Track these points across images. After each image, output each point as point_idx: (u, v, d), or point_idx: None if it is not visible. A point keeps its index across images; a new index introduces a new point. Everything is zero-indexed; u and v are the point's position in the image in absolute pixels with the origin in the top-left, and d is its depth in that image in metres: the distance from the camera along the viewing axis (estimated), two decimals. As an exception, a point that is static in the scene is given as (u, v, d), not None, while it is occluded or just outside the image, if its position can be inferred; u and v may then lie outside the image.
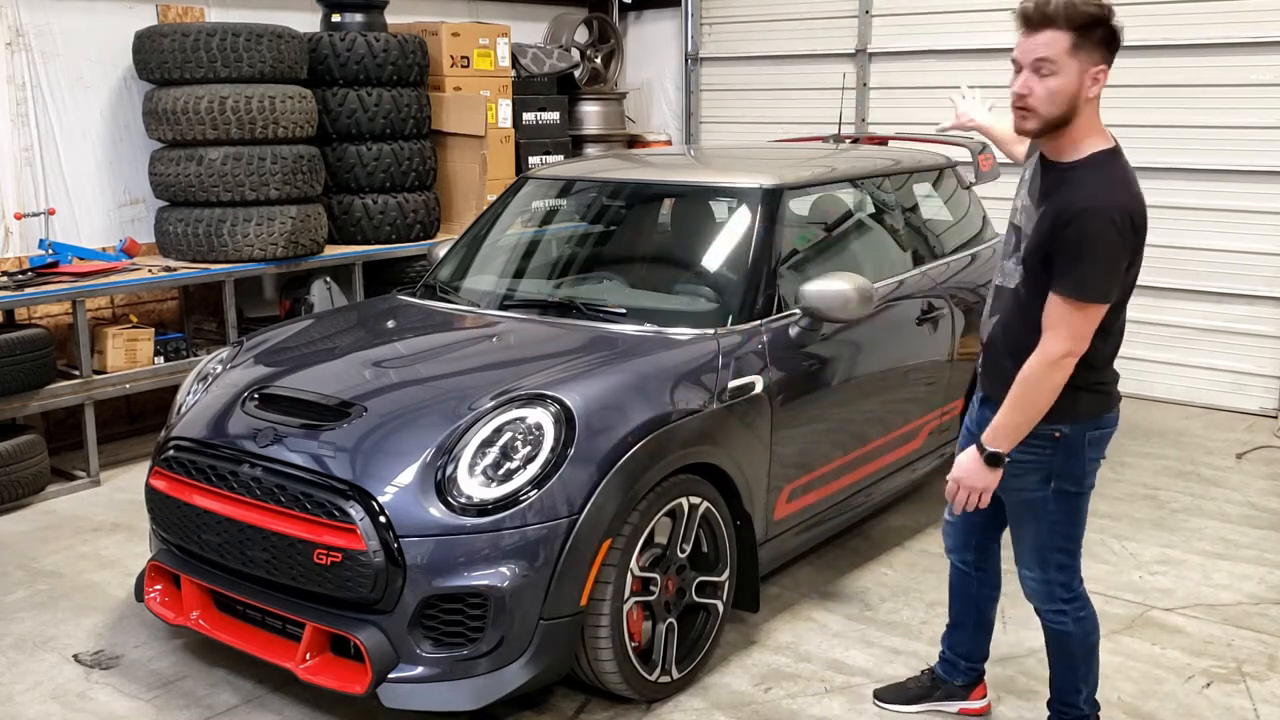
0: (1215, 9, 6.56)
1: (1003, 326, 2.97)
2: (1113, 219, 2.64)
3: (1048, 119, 2.73)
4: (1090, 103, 2.72)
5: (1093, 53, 2.66)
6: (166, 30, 5.88)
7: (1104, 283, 2.69)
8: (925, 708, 3.55)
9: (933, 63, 7.67)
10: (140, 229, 6.41)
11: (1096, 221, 2.64)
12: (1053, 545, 3.03)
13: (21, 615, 4.20)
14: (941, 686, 3.56)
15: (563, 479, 3.22)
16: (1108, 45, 2.68)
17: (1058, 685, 3.23)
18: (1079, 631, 3.10)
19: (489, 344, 4.04)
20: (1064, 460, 2.91)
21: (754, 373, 3.83)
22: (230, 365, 4.05)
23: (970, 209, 5.48)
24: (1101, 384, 2.90)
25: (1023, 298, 2.87)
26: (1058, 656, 3.19)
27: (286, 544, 3.27)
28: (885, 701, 3.58)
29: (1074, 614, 3.09)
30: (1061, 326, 2.72)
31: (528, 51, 8.05)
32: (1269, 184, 6.52)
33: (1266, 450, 6.02)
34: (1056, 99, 2.70)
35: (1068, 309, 2.71)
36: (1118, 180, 2.72)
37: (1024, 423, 2.80)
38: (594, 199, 4.94)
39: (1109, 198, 2.67)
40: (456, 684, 3.20)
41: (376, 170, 6.74)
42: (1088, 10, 2.63)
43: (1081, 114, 2.72)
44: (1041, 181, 2.85)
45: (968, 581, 3.46)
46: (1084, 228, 2.65)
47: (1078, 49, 2.65)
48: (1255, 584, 4.43)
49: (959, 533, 3.41)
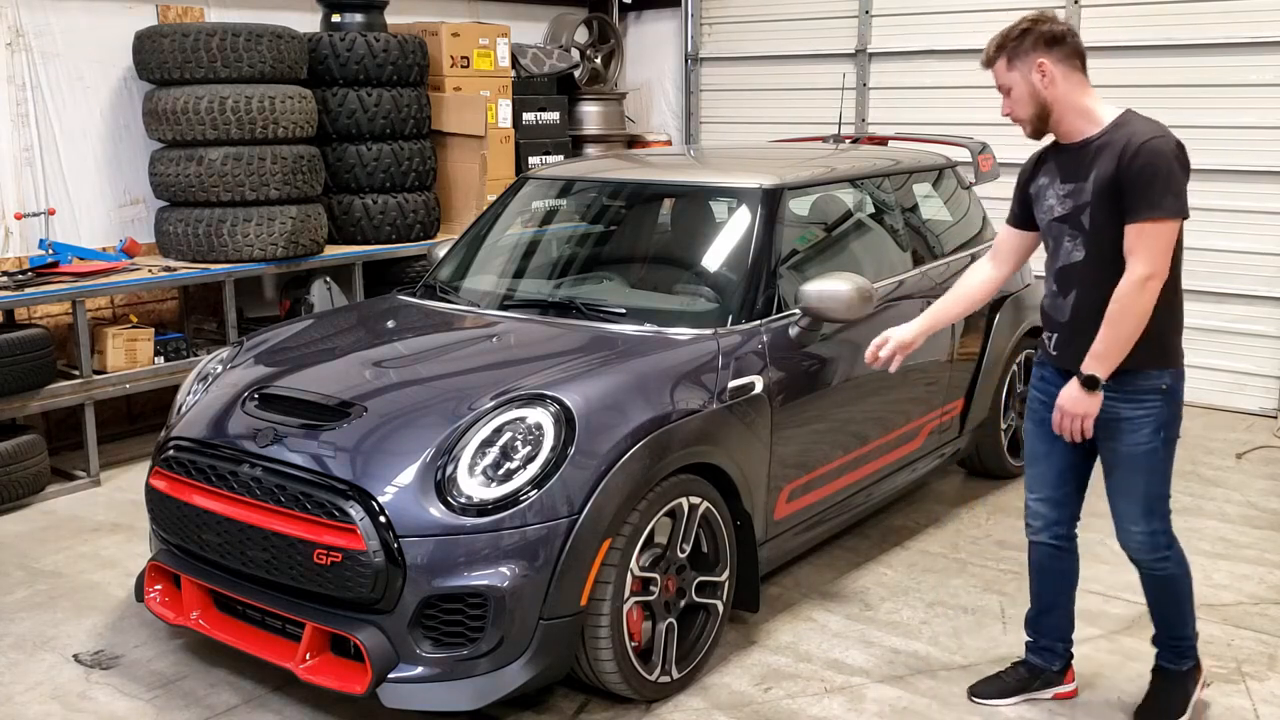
0: (1215, 9, 6.56)
1: (1081, 298, 3.20)
2: (1171, 146, 3.00)
3: (1031, 120, 3.20)
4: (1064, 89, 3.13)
5: (1025, 56, 3.13)
6: (166, 30, 5.88)
7: (1175, 200, 2.98)
8: (1024, 698, 3.60)
9: (933, 63, 7.67)
10: (140, 229, 6.41)
11: (1158, 148, 2.98)
12: (1161, 494, 3.26)
13: (21, 615, 4.20)
14: (1040, 675, 3.61)
15: (563, 479, 3.23)
16: (1045, 45, 3.11)
17: (1167, 625, 3.42)
18: (1180, 572, 3.35)
19: (489, 344, 4.04)
20: (1169, 409, 3.19)
21: (754, 373, 3.83)
22: (230, 365, 4.05)
23: (970, 209, 5.48)
24: (1179, 330, 3.20)
25: (1099, 262, 3.13)
26: (1165, 600, 3.39)
27: (286, 544, 3.27)
28: (982, 697, 3.61)
29: (1175, 557, 3.33)
30: (1141, 250, 3.00)
31: (528, 51, 8.05)
32: (1269, 184, 6.52)
33: (1266, 450, 6.02)
34: (1022, 103, 3.19)
35: (1145, 232, 2.99)
36: (1154, 123, 3.08)
37: (1117, 346, 3.06)
38: (594, 199, 4.94)
39: (1156, 130, 3.04)
40: (456, 684, 3.20)
41: (376, 170, 6.74)
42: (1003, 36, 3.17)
43: (1060, 101, 3.14)
44: (1070, 164, 3.19)
45: (1061, 558, 3.52)
46: (1147, 155, 2.98)
47: (1011, 63, 3.16)
48: (1255, 584, 4.43)
49: (1053, 508, 3.47)
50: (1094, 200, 3.10)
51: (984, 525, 5.00)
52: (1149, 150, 2.98)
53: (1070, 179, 3.17)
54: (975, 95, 7.44)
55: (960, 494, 5.37)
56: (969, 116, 7.32)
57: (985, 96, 4.08)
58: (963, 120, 7.22)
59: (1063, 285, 3.25)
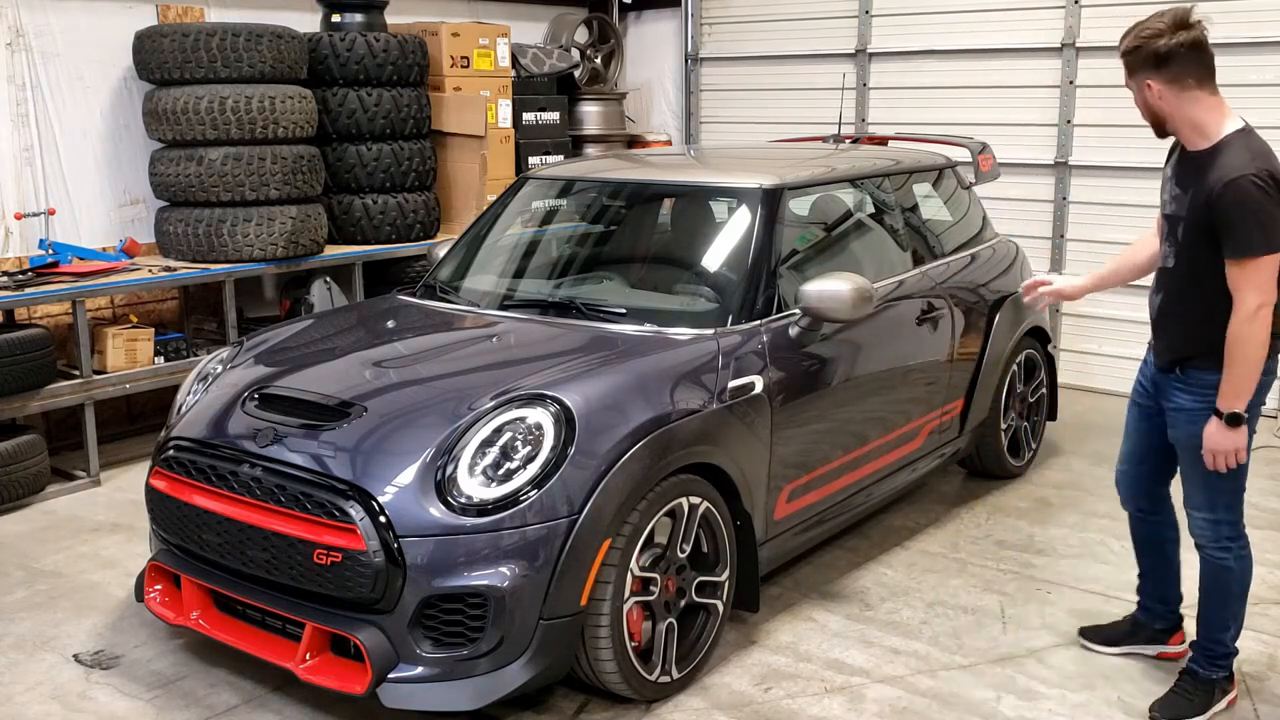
0: (1215, 9, 6.53)
1: (1165, 301, 3.40)
2: (1254, 181, 3.06)
3: (1150, 123, 3.33)
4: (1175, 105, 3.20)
5: (1136, 73, 3.23)
6: (166, 30, 5.88)
7: (1263, 237, 3.07)
8: (1126, 650, 3.84)
9: (933, 63, 7.67)
10: (140, 229, 6.40)
11: (1241, 187, 3.06)
12: (1224, 487, 3.37)
13: (21, 615, 4.20)
14: (1142, 631, 3.84)
15: (563, 479, 3.23)
16: (1153, 65, 3.18)
17: (1209, 621, 3.51)
18: (1239, 569, 3.45)
19: (489, 344, 4.04)
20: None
21: (754, 373, 3.83)
22: (230, 365, 4.05)
23: (970, 209, 5.48)
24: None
25: (1182, 275, 3.30)
26: (1214, 593, 3.49)
27: (286, 544, 3.27)
28: (1090, 640, 3.89)
29: (1237, 551, 3.44)
30: (1245, 285, 3.12)
31: (528, 51, 8.05)
32: (1269, 184, 6.51)
33: (1266, 450, 6.01)
34: (1141, 109, 3.32)
35: (1243, 269, 3.11)
36: (1252, 151, 3.13)
37: (1244, 378, 3.18)
38: (594, 199, 4.94)
39: (1245, 165, 3.09)
40: (456, 684, 3.20)
41: (376, 170, 6.74)
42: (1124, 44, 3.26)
43: (1173, 116, 3.23)
44: (1184, 169, 3.28)
45: (1145, 526, 3.76)
46: (1232, 196, 3.07)
47: (1130, 74, 3.27)
48: (1256, 584, 4.39)
49: (1131, 481, 3.73)
50: (1188, 220, 3.22)
51: (984, 525, 5.00)
52: (1234, 192, 3.06)
53: (1180, 185, 3.28)
54: (975, 95, 7.46)
55: (960, 494, 5.37)
56: (969, 116, 7.34)
57: (985, 96, 4.08)
58: (963, 120, 7.23)
59: (1157, 283, 3.45)
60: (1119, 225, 6.85)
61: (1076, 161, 7.10)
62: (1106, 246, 6.64)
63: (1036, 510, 5.17)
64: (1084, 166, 7.08)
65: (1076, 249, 7.13)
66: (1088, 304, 7.08)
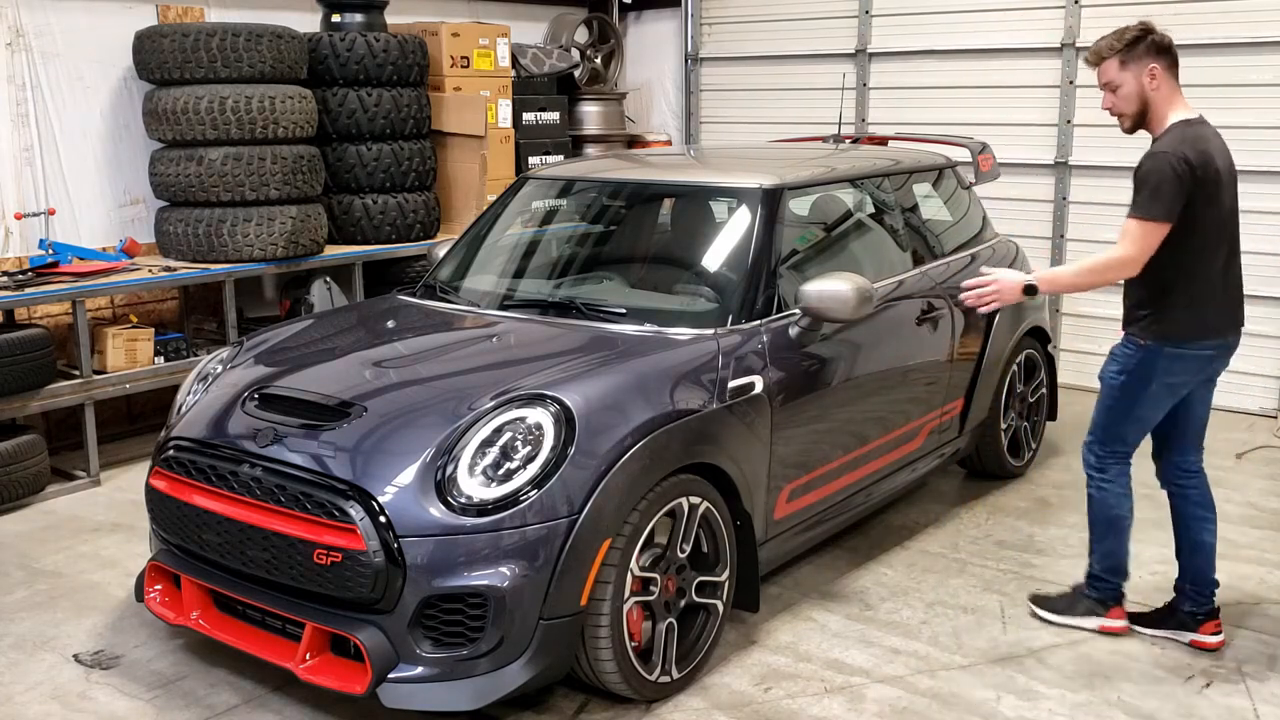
0: (1215, 9, 6.56)
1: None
2: (1170, 159, 3.48)
3: (1132, 115, 3.68)
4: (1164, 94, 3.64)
5: (1140, 60, 3.61)
6: (166, 30, 5.88)
7: (1154, 206, 3.50)
8: (1160, 634, 3.95)
9: (933, 63, 7.67)
10: (140, 229, 6.41)
11: (1154, 162, 3.52)
12: (1101, 423, 3.85)
13: (21, 615, 4.20)
14: (1175, 615, 3.95)
15: (563, 479, 3.23)
16: (1157, 52, 3.60)
17: (1094, 544, 3.98)
18: (1098, 499, 3.90)
19: (489, 344, 4.04)
20: (1138, 363, 3.72)
21: (754, 373, 3.83)
22: (230, 365, 4.05)
23: (970, 209, 5.48)
24: (1175, 315, 3.68)
25: None
26: (1090, 517, 3.97)
27: (286, 544, 3.27)
28: (1131, 622, 3.99)
29: (1097, 484, 3.89)
30: (1123, 239, 3.60)
31: (528, 51, 8.05)
32: (1269, 184, 6.51)
33: (1266, 450, 6.02)
34: (1128, 100, 3.67)
35: (1130, 225, 3.57)
36: (1184, 137, 3.55)
37: (1070, 287, 4.04)
38: (594, 199, 4.94)
39: (1169, 147, 3.53)
40: (456, 684, 3.20)
41: (376, 170, 6.74)
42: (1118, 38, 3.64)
43: (1156, 103, 3.64)
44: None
45: (1174, 501, 3.96)
46: (1147, 165, 3.54)
47: (1125, 64, 3.63)
48: (1255, 584, 4.43)
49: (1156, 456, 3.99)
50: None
51: (984, 525, 5.00)
52: (1149, 160, 3.53)
53: None
54: (975, 95, 7.46)
55: (960, 494, 5.37)
56: (969, 116, 7.34)
57: (985, 96, 4.11)
58: (963, 120, 7.23)
59: None
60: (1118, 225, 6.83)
61: (1076, 161, 7.10)
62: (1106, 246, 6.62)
63: (1036, 510, 5.17)
64: (1084, 166, 7.08)
65: (1076, 249, 7.12)
66: (1088, 304, 7.09)
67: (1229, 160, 3.67)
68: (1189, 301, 3.67)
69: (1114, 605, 3.99)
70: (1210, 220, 3.62)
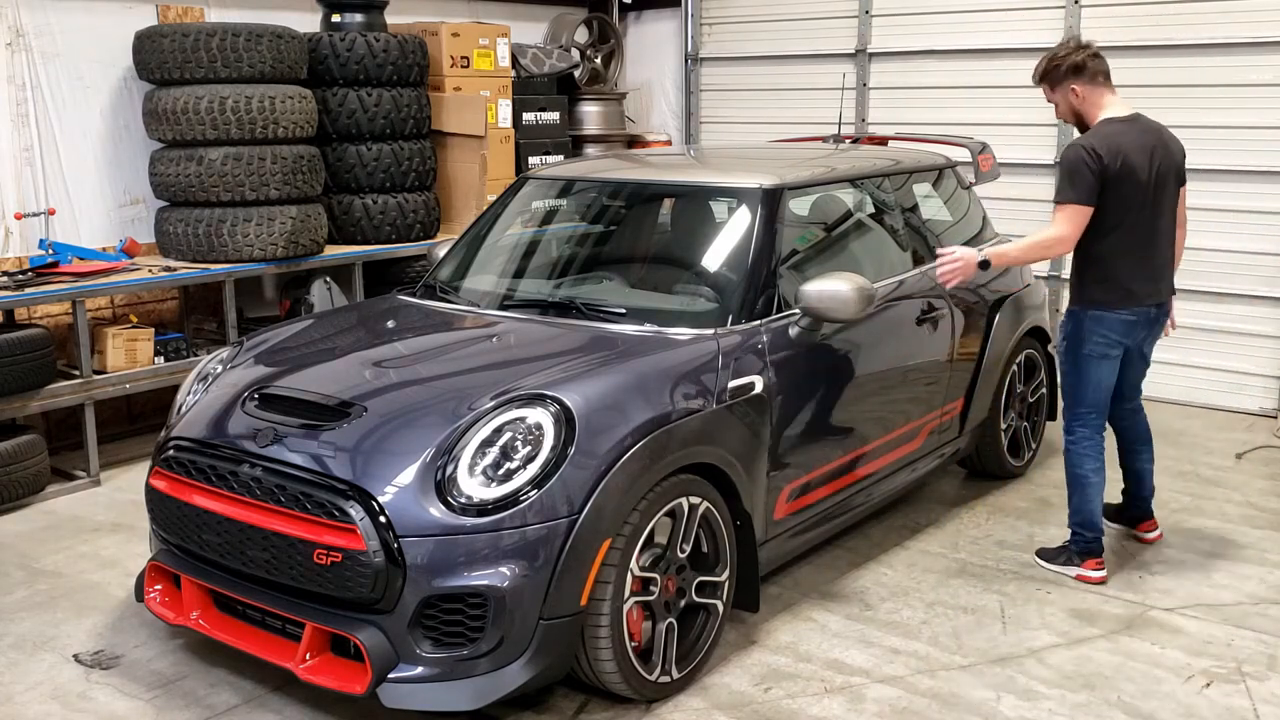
0: (1215, 9, 6.56)
1: None
2: (1081, 150, 4.08)
3: (1072, 123, 4.40)
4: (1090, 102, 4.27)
5: (1061, 84, 4.28)
6: (166, 30, 5.88)
7: (1071, 190, 4.10)
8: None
9: (933, 63, 7.67)
10: (140, 229, 6.41)
11: (1069, 153, 4.13)
12: (1063, 388, 4.47)
13: (21, 615, 4.20)
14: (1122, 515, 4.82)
15: (563, 479, 3.23)
16: (1073, 74, 4.24)
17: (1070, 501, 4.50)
18: (1066, 459, 4.45)
19: (489, 344, 4.04)
20: (1074, 328, 4.32)
21: (754, 373, 3.83)
22: (230, 365, 4.05)
23: (970, 209, 5.47)
24: (1098, 282, 4.24)
25: None
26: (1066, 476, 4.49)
27: (286, 544, 3.27)
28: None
29: (1066, 444, 4.44)
30: (1054, 221, 4.16)
31: (528, 51, 8.05)
32: (1269, 184, 6.51)
33: (1266, 450, 6.02)
34: (1064, 113, 4.40)
35: (1057, 208, 4.16)
36: (1100, 133, 4.15)
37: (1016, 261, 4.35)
38: (594, 199, 4.94)
39: (1083, 141, 4.14)
40: (456, 684, 3.20)
41: (376, 170, 6.74)
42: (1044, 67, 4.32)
43: (1087, 112, 4.28)
44: None
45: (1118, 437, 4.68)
46: (1065, 156, 4.16)
47: (1054, 88, 4.33)
48: (1255, 584, 4.43)
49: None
50: None
51: (984, 525, 5.00)
52: (1067, 151, 4.14)
53: None
54: (975, 95, 7.46)
55: (960, 494, 5.37)
56: (969, 116, 7.34)
57: (985, 96, 4.13)
58: (963, 120, 7.23)
59: None
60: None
61: (1076, 161, 7.10)
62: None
63: (1036, 510, 5.17)
64: (1084, 166, 7.08)
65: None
66: (1088, 304, 7.08)
67: (1157, 153, 4.15)
68: (1109, 273, 4.20)
69: (1090, 557, 4.42)
70: (1125, 204, 4.12)
